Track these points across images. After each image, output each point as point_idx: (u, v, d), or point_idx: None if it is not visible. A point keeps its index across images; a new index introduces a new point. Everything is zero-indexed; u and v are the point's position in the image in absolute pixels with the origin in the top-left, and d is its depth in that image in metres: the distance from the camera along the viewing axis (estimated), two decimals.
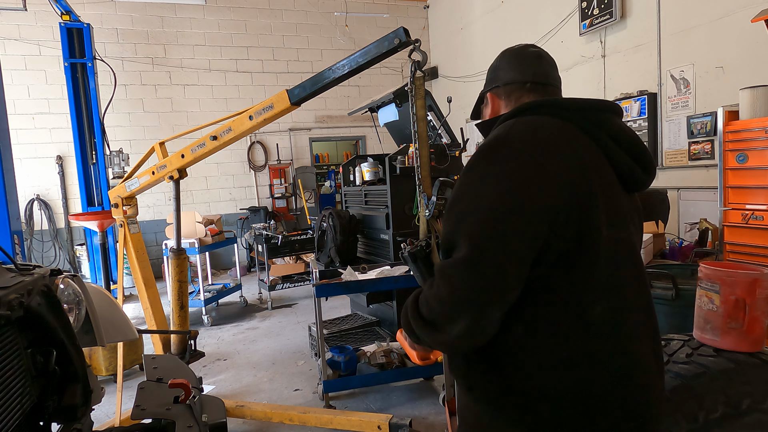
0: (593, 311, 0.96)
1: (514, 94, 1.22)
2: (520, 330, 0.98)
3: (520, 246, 0.92)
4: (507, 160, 0.96)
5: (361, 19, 9.55)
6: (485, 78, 1.32)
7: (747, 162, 3.40)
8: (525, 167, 0.94)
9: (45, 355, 1.34)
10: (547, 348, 0.96)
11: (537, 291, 0.96)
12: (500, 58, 1.28)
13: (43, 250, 7.75)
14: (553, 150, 0.98)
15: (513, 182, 0.94)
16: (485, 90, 1.29)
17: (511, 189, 0.93)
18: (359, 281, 3.25)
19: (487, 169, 0.98)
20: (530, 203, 0.92)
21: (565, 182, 0.94)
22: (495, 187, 0.95)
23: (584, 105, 1.08)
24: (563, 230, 0.93)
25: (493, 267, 0.91)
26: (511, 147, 0.98)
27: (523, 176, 0.94)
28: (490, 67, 1.31)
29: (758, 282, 1.39)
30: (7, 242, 3.67)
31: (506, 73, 1.24)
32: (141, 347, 4.01)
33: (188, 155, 2.81)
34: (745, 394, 1.31)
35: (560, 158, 0.97)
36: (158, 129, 8.30)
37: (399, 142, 4.81)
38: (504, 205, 0.93)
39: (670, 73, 5.19)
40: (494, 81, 1.27)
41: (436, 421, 3.05)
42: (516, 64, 1.23)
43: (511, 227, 0.91)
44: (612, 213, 1.00)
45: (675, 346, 1.49)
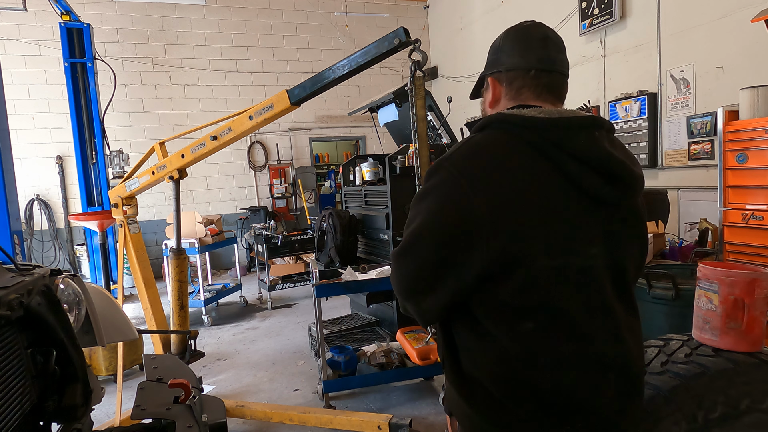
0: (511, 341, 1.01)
1: (516, 81, 1.15)
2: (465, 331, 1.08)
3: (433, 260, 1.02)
4: (441, 183, 1.02)
5: (361, 19, 9.55)
6: (486, 58, 1.23)
7: (747, 162, 3.40)
8: (452, 193, 1.00)
9: (45, 355, 1.34)
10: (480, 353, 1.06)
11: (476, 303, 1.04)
12: (504, 38, 1.18)
13: (43, 250, 7.75)
14: (486, 180, 0.99)
15: (438, 206, 1.01)
16: (486, 73, 1.21)
17: (435, 211, 1.02)
18: (359, 281, 3.26)
19: (426, 186, 1.05)
20: (447, 228, 1.00)
21: (488, 215, 0.97)
22: (426, 205, 1.04)
23: (545, 124, 1.01)
24: (486, 255, 0.97)
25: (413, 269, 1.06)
26: (448, 171, 1.02)
27: (448, 201, 1.00)
28: (492, 46, 1.22)
29: (757, 282, 1.39)
30: (7, 242, 3.67)
31: (509, 57, 1.16)
32: (141, 347, 4.02)
33: (188, 155, 2.81)
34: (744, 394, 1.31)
35: (490, 189, 0.98)
36: (158, 129, 8.30)
37: (399, 142, 4.81)
38: (425, 225, 1.02)
39: (670, 73, 5.19)
40: (496, 64, 1.18)
41: (436, 421, 3.05)
42: (520, 48, 1.15)
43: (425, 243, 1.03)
44: (556, 239, 0.99)
45: (674, 346, 1.49)
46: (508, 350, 1.01)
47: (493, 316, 1.02)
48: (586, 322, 1.02)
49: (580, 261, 1.01)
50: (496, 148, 1.02)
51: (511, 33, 1.18)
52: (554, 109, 1.08)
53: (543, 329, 1.00)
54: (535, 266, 0.98)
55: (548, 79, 1.13)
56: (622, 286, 1.10)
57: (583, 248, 1.02)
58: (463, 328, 1.09)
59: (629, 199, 1.07)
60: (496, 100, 1.18)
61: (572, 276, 1.00)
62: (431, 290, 1.04)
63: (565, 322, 1.01)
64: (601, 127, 1.06)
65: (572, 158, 1.00)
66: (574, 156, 1.00)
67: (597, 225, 1.04)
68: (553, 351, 1.01)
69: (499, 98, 1.18)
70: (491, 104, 1.20)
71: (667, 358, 1.43)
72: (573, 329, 1.01)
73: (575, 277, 1.01)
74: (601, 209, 1.04)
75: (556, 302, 1.00)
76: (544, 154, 1.00)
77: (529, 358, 1.01)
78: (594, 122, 1.05)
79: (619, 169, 1.02)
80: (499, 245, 0.97)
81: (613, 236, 1.06)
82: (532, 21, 1.20)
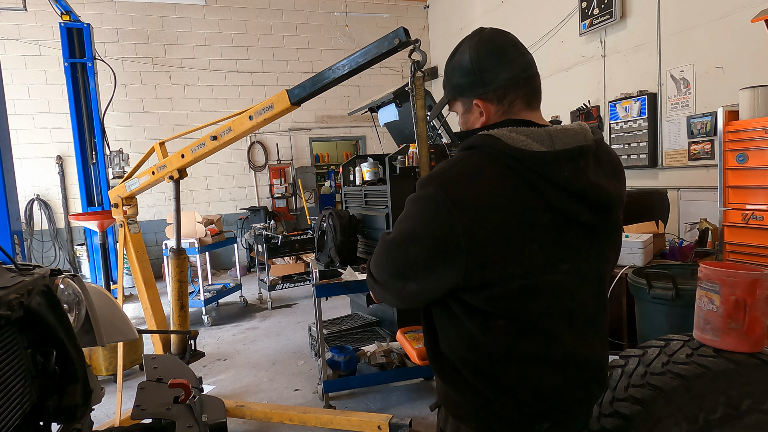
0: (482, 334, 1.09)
1: (509, 96, 1.12)
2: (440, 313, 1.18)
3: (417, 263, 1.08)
4: (430, 200, 1.04)
5: (361, 19, 9.55)
6: (451, 80, 1.19)
7: (747, 162, 3.40)
8: (438, 212, 1.03)
9: (45, 355, 1.34)
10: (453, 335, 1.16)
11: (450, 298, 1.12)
12: (478, 57, 1.12)
13: (43, 250, 7.75)
14: (470, 206, 1.01)
15: (427, 218, 1.05)
16: (470, 95, 1.15)
17: (425, 223, 1.05)
18: (359, 281, 3.25)
19: (417, 197, 1.09)
20: (432, 241, 1.05)
21: (470, 239, 1.01)
22: (417, 214, 1.07)
23: (533, 158, 1.02)
24: (462, 273, 1.03)
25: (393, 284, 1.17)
26: (435, 190, 1.04)
27: (434, 219, 1.03)
28: (459, 67, 1.16)
29: (758, 282, 1.38)
30: (7, 242, 3.67)
31: (495, 75, 1.11)
32: (141, 347, 4.01)
33: (188, 155, 2.81)
34: (745, 395, 1.31)
35: (474, 215, 1.01)
36: (158, 129, 8.30)
37: (399, 142, 4.81)
38: (414, 231, 1.08)
39: (670, 73, 5.19)
40: (479, 85, 1.13)
41: (436, 421, 3.04)
42: (501, 61, 1.12)
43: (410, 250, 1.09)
44: (533, 263, 1.04)
45: (675, 346, 1.49)
46: (479, 340, 1.09)
47: (465, 312, 1.10)
48: (555, 326, 1.10)
49: (556, 278, 1.07)
50: (482, 172, 1.04)
51: (483, 49, 1.13)
52: (543, 129, 1.07)
53: (512, 330, 1.08)
54: (510, 286, 1.04)
55: (533, 83, 1.15)
56: (596, 291, 1.16)
57: (561, 266, 1.07)
58: (439, 309, 1.18)
59: (609, 218, 1.11)
60: (488, 118, 1.15)
61: (545, 291, 1.07)
62: (414, 281, 1.11)
63: (534, 326, 1.08)
64: (587, 155, 1.07)
65: (556, 188, 1.02)
66: (557, 186, 1.02)
67: (576, 243, 1.08)
68: (522, 349, 1.09)
69: (491, 115, 1.15)
70: (484, 121, 1.16)
71: (668, 359, 1.43)
72: (542, 332, 1.09)
73: (547, 292, 1.07)
74: (581, 229, 1.08)
75: (525, 312, 1.07)
76: (529, 183, 1.03)
77: (498, 351, 1.09)
78: (580, 152, 1.05)
79: (601, 197, 1.06)
80: (477, 267, 1.02)
81: (592, 250, 1.11)
82: (490, 29, 1.18)
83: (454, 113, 1.28)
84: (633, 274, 2.65)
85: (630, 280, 2.65)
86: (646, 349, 1.52)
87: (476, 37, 1.16)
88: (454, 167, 1.07)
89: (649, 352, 1.50)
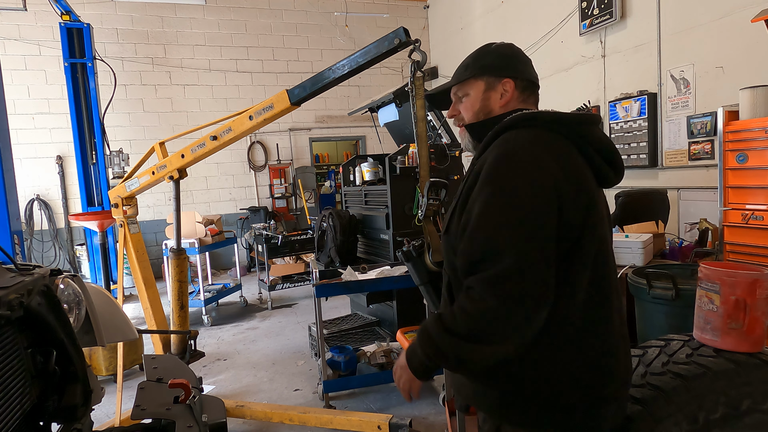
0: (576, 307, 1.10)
1: (527, 90, 1.27)
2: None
3: (551, 249, 1.03)
4: (525, 173, 1.05)
5: (361, 19, 9.55)
6: (481, 60, 1.29)
7: (747, 162, 3.40)
8: (542, 179, 1.04)
9: (45, 355, 1.34)
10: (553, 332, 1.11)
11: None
12: (511, 48, 1.29)
13: (43, 250, 7.75)
14: (559, 162, 1.07)
15: (535, 193, 1.03)
16: (501, 74, 1.26)
17: (535, 200, 1.03)
18: (359, 281, 3.25)
19: (508, 183, 1.05)
20: (551, 210, 1.04)
21: (570, 191, 1.06)
22: (520, 199, 1.03)
23: (572, 120, 1.15)
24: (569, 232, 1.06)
25: (537, 272, 1.01)
26: (528, 161, 1.06)
27: (542, 187, 1.04)
28: (495, 50, 1.29)
29: (758, 282, 1.38)
30: (7, 242, 3.67)
31: (525, 67, 1.27)
32: (141, 347, 4.01)
33: (188, 155, 2.81)
34: (745, 395, 1.31)
35: (566, 169, 1.07)
36: (158, 129, 8.29)
37: (399, 142, 4.81)
38: (534, 214, 1.03)
39: (670, 73, 5.19)
40: (514, 70, 1.26)
41: (436, 421, 3.05)
42: (530, 65, 1.29)
43: (542, 233, 1.03)
44: (599, 213, 1.13)
45: (675, 346, 1.49)
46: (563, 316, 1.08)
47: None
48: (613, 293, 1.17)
49: (604, 233, 1.15)
50: (547, 140, 1.11)
51: (518, 50, 1.30)
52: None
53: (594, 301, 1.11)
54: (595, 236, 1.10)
55: (536, 92, 1.31)
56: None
57: (605, 223, 1.17)
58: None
59: (617, 184, 1.24)
60: (508, 101, 1.25)
61: (609, 255, 1.16)
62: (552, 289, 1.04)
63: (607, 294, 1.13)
64: (600, 123, 1.23)
65: (594, 149, 1.15)
66: (594, 147, 1.15)
67: (604, 208, 1.20)
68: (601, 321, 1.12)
69: (509, 103, 1.25)
70: (503, 104, 1.25)
71: (668, 359, 1.43)
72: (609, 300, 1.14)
73: (607, 256, 1.16)
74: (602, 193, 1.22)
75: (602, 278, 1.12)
76: (576, 145, 1.14)
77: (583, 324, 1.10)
78: (596, 119, 1.21)
79: (619, 160, 1.21)
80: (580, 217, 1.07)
81: (608, 218, 1.23)
82: (509, 43, 1.34)
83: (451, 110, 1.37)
84: (633, 274, 2.65)
85: (630, 280, 2.64)
86: (646, 349, 1.52)
87: (508, 45, 1.32)
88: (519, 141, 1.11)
89: (649, 352, 1.50)
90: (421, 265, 1.61)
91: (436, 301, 1.62)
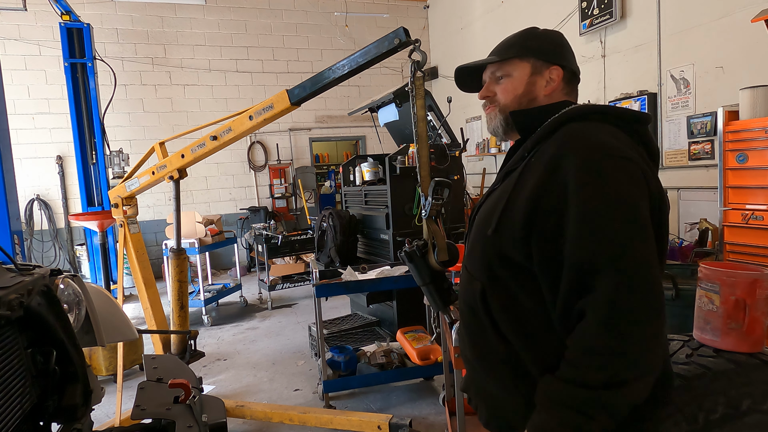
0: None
1: (573, 82, 1.21)
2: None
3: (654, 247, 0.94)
4: (623, 167, 0.96)
5: (361, 19, 9.55)
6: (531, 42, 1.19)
7: (747, 162, 3.40)
8: (637, 172, 0.97)
9: (45, 355, 1.34)
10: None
11: None
12: (561, 38, 1.21)
13: (43, 250, 7.75)
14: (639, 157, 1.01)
15: (638, 190, 0.95)
16: (551, 60, 1.16)
17: (636, 202, 0.94)
18: (359, 281, 3.25)
19: (608, 178, 0.94)
20: (647, 210, 0.96)
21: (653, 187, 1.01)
22: (627, 197, 0.93)
23: (635, 117, 1.09)
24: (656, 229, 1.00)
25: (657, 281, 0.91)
26: (619, 155, 0.97)
27: (639, 182, 0.96)
28: (545, 36, 1.21)
29: (758, 282, 1.38)
30: (7, 242, 3.66)
31: (573, 60, 1.20)
32: (141, 347, 4.01)
33: (188, 155, 2.81)
34: (745, 395, 1.31)
35: (645, 165, 1.01)
36: (158, 129, 8.29)
37: (399, 142, 4.81)
38: (641, 212, 0.93)
39: (670, 73, 5.19)
40: (563, 59, 1.18)
41: (436, 421, 3.05)
42: (574, 55, 1.21)
43: (650, 232, 0.93)
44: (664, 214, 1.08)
45: (675, 346, 1.49)
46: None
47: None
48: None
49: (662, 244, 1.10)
50: (618, 135, 1.04)
51: (564, 37, 1.22)
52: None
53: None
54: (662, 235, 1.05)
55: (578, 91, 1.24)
56: None
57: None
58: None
59: None
60: (553, 91, 1.17)
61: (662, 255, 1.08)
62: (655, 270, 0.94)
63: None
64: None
65: (643, 146, 1.09)
66: (643, 144, 1.09)
67: None
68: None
69: (556, 90, 1.17)
70: (548, 93, 1.17)
71: None
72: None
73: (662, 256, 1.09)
74: None
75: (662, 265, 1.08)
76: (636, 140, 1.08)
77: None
78: (649, 119, 1.15)
79: (657, 161, 1.14)
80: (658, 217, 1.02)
81: None
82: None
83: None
84: None
85: None
86: None
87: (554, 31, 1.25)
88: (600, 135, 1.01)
89: None
90: (424, 266, 1.61)
91: (439, 301, 1.62)
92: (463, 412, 2.07)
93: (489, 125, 1.26)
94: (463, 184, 4.46)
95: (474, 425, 2.34)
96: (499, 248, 1.05)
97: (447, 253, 1.62)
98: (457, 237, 4.05)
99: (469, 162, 8.71)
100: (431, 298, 1.63)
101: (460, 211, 4.29)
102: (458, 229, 4.14)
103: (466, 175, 4.57)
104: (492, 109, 1.23)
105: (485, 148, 8.21)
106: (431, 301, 1.65)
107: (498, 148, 7.85)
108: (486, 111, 1.26)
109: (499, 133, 1.24)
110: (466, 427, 2.12)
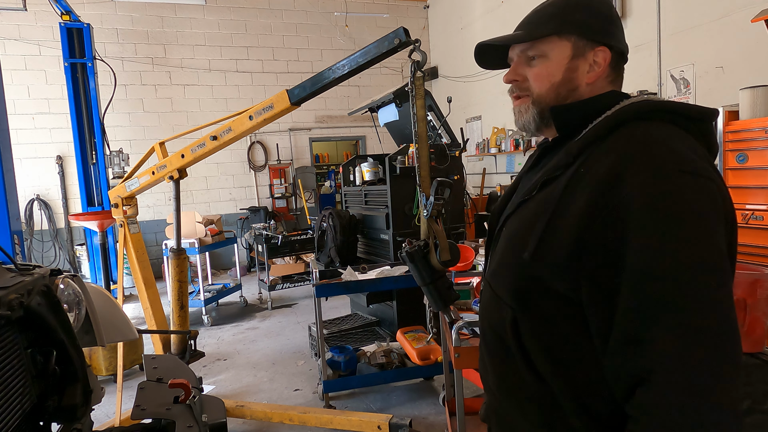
0: None
1: (619, 66, 0.97)
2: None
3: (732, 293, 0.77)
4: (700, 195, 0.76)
5: (361, 19, 9.55)
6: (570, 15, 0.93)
7: (747, 162, 3.40)
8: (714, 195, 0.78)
9: (45, 355, 1.34)
10: None
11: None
12: (608, 7, 0.95)
13: (43, 250, 7.75)
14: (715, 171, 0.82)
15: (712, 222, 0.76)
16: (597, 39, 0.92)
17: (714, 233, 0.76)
18: (359, 281, 3.25)
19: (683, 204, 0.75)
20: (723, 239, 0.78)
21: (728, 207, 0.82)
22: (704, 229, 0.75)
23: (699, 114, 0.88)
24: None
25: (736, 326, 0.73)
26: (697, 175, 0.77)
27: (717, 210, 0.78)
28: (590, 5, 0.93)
29: (759, 282, 1.38)
30: (7, 242, 3.66)
31: (621, 36, 0.95)
32: (141, 347, 4.01)
33: (188, 155, 2.81)
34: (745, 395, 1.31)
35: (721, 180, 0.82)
36: (158, 129, 8.30)
37: (399, 142, 4.81)
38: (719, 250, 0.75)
39: (670, 73, 5.19)
40: (611, 36, 0.93)
41: (436, 421, 3.05)
42: (623, 30, 0.96)
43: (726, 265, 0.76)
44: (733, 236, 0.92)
45: None
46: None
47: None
48: None
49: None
50: (688, 141, 0.84)
51: (612, 6, 0.96)
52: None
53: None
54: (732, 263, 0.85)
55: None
56: None
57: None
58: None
59: None
60: (597, 78, 0.94)
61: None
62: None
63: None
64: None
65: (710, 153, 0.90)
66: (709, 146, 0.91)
67: None
68: None
69: (600, 77, 0.95)
70: (591, 81, 0.95)
71: None
72: None
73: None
74: None
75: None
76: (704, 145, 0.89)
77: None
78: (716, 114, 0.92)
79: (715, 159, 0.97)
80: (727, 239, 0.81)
81: None
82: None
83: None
84: None
85: None
86: None
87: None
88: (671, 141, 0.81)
89: None
90: (425, 265, 1.61)
91: (439, 301, 1.62)
92: (463, 412, 2.07)
93: (518, 120, 1.02)
94: (463, 184, 4.46)
95: (474, 425, 2.34)
96: (538, 276, 0.87)
97: (449, 253, 1.62)
98: (458, 237, 4.05)
99: (469, 162, 8.71)
100: (432, 297, 1.63)
101: (461, 211, 4.30)
102: (458, 229, 4.14)
103: (466, 175, 4.57)
104: (524, 101, 0.99)
105: (485, 148, 8.20)
106: (432, 301, 1.65)
107: (498, 148, 7.84)
108: (515, 103, 1.02)
109: (531, 129, 1.01)
110: (466, 427, 2.12)
